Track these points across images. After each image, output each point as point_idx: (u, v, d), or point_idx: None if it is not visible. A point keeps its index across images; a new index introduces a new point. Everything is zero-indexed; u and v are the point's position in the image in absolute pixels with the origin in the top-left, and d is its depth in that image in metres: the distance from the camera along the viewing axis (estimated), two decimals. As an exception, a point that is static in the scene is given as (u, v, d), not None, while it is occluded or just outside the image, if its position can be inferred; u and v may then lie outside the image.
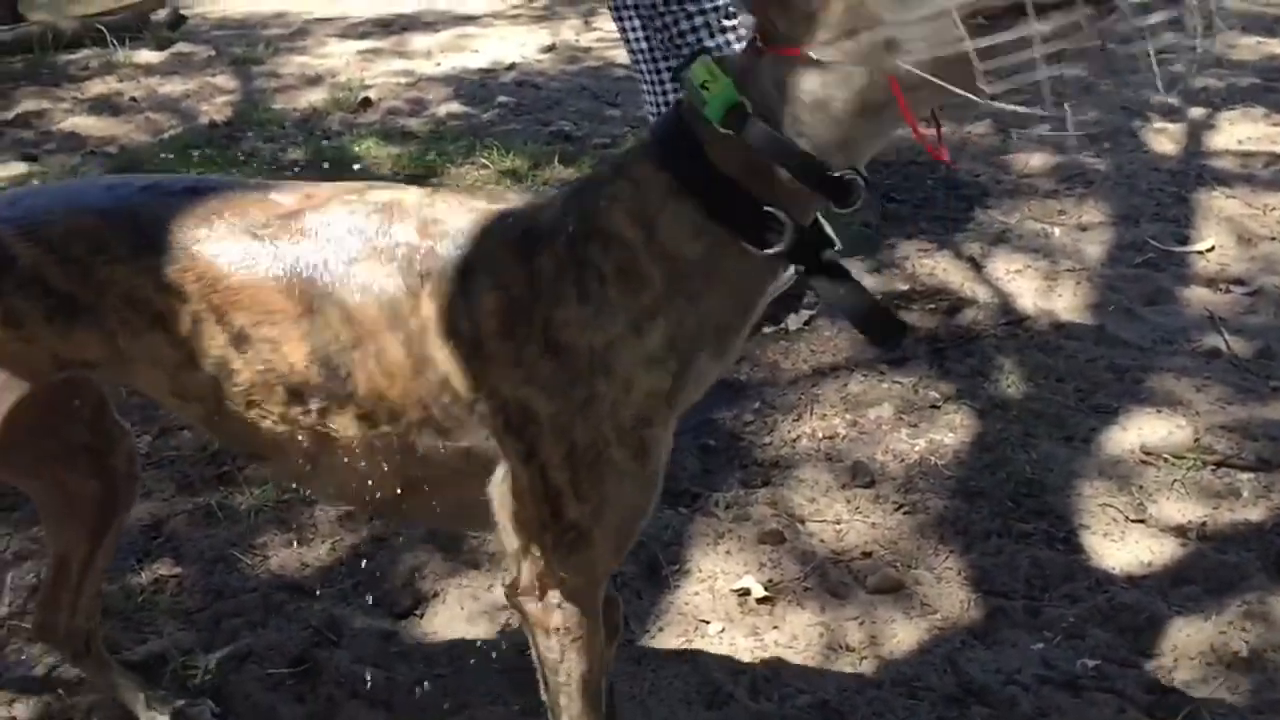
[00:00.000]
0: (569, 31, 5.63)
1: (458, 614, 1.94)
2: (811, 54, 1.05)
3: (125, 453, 1.56)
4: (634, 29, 2.87)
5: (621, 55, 3.01)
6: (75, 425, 1.49)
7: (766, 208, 1.11)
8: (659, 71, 2.87)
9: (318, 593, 1.97)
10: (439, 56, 5.30)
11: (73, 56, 5.17)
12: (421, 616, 1.94)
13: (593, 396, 1.16)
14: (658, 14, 2.71)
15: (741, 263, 1.15)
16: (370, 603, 1.95)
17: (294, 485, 2.12)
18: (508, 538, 1.27)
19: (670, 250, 1.14)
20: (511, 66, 5.10)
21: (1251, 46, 5.01)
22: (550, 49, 5.38)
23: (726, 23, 2.70)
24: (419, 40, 5.57)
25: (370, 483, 1.29)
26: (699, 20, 2.68)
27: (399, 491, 1.30)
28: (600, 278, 1.15)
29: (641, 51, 2.88)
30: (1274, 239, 3.20)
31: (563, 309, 1.16)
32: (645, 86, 2.95)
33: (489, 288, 1.19)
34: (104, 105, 4.54)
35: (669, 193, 1.13)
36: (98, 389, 1.50)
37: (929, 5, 0.99)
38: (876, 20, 1.02)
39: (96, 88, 4.75)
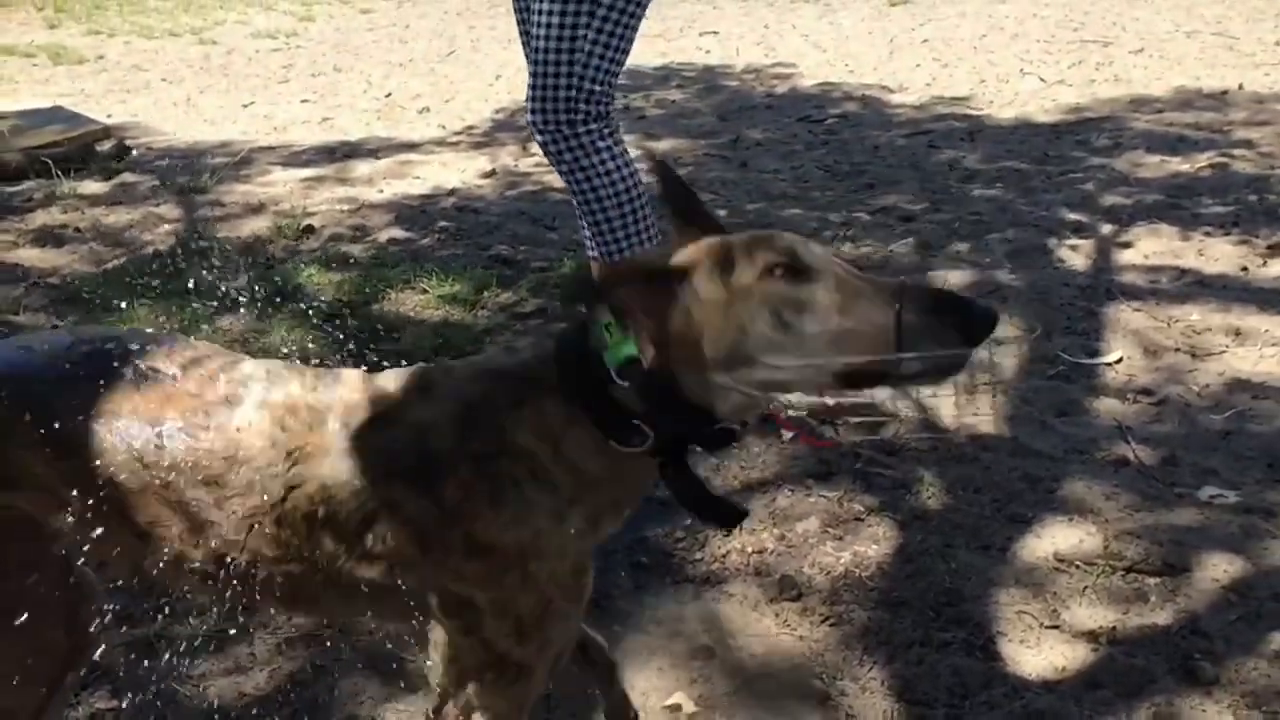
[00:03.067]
0: (508, 157, 5.80)
1: (395, 739, 1.97)
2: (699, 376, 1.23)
3: (94, 608, 1.56)
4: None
5: (559, 180, 3.15)
6: (46, 572, 1.50)
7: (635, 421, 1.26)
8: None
9: (255, 722, 2.00)
10: (381, 183, 5.44)
11: (16, 188, 5.24)
12: (359, 742, 1.97)
13: (527, 575, 1.28)
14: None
15: (635, 463, 1.29)
16: (308, 730, 1.98)
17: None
18: (438, 674, 1.34)
19: (577, 464, 1.29)
20: (452, 192, 5.25)
21: (1156, 165, 5.29)
22: (490, 174, 5.55)
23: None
24: (362, 167, 5.72)
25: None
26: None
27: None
28: (516, 484, 1.27)
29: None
30: (1179, 350, 3.36)
31: (481, 522, 1.27)
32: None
33: (397, 525, 1.29)
34: (47, 236, 4.61)
35: (571, 419, 1.27)
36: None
37: (801, 358, 1.19)
38: (755, 361, 1.20)
39: (40, 219, 4.82)
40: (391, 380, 1.37)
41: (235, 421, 1.31)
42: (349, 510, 1.29)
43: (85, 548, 1.36)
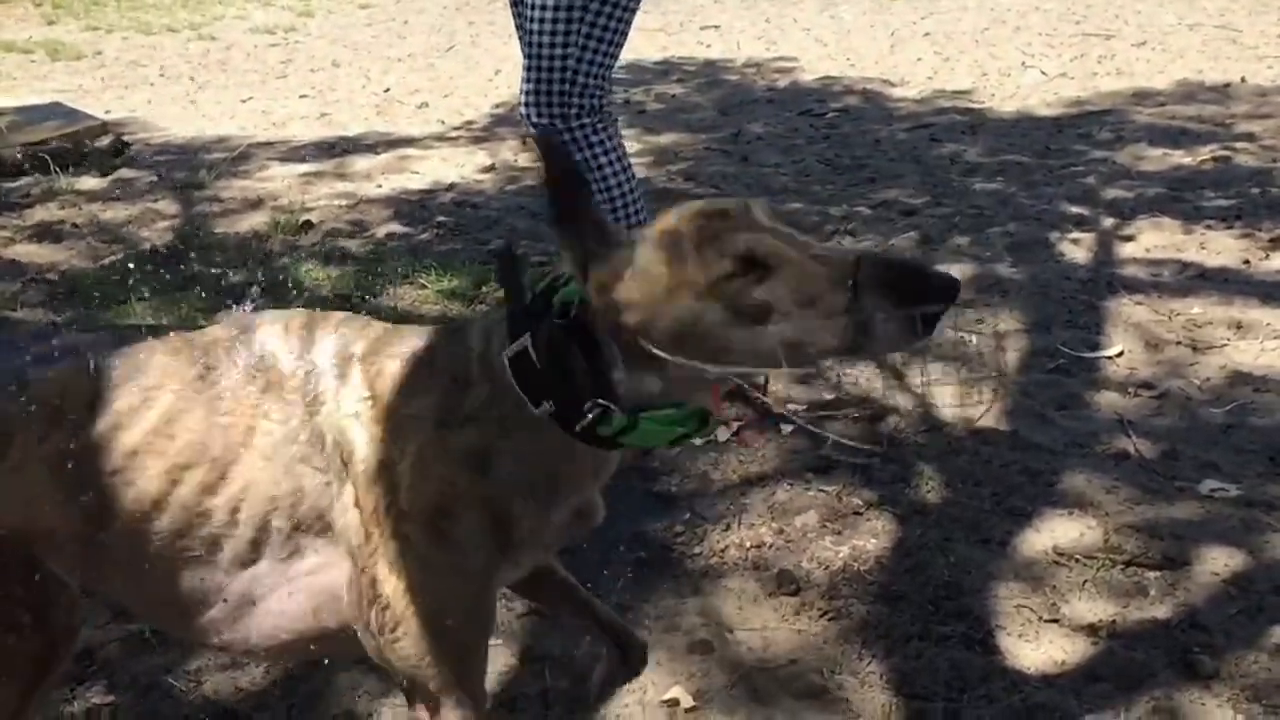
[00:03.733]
0: (507, 152, 5.79)
1: (391, 734, 1.97)
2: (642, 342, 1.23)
3: (66, 607, 1.53)
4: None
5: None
6: (10, 581, 1.48)
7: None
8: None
9: (251, 717, 1.99)
10: (380, 178, 5.43)
11: (14, 184, 5.23)
12: (355, 738, 1.96)
13: (390, 465, 1.30)
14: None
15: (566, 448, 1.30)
16: (303, 726, 1.97)
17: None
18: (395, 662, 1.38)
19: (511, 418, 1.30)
20: (451, 187, 5.24)
21: (1158, 158, 5.27)
22: (489, 169, 5.53)
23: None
24: (360, 162, 5.70)
25: None
26: None
27: None
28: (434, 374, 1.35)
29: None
30: (1180, 344, 3.35)
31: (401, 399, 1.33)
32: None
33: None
34: (45, 232, 4.60)
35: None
36: (25, 545, 1.49)
37: (759, 352, 1.19)
38: (708, 349, 1.21)
39: (38, 215, 4.81)
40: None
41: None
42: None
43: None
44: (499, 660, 2.10)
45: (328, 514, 1.32)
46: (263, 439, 1.32)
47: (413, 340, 1.38)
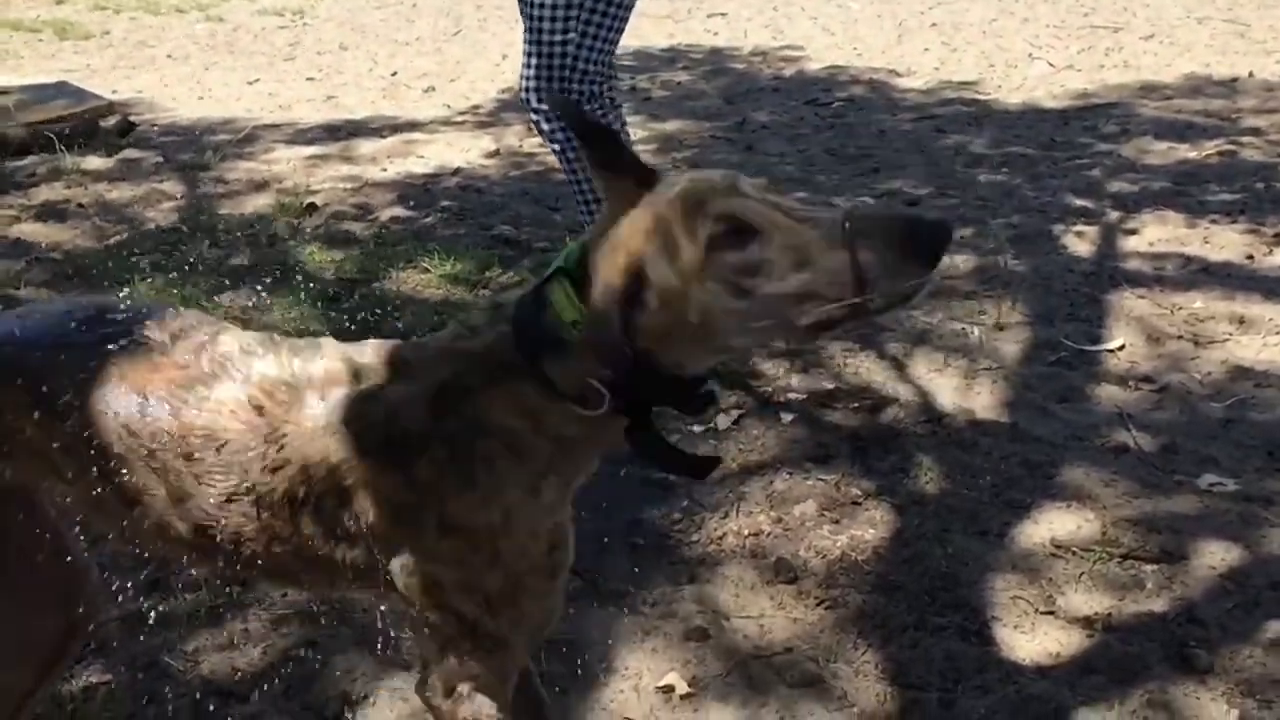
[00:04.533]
0: (512, 137, 5.78)
1: (388, 716, 1.97)
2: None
3: (89, 593, 1.55)
4: None
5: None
6: (40, 550, 1.48)
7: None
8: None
9: (248, 698, 2.00)
10: (385, 162, 5.42)
11: (20, 163, 5.23)
12: (351, 718, 1.97)
13: (497, 553, 1.26)
14: None
15: (613, 425, 1.25)
16: (300, 707, 1.98)
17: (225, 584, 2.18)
18: (422, 644, 1.34)
19: (557, 432, 1.27)
20: (456, 171, 5.23)
21: (1163, 152, 5.26)
22: (495, 154, 5.53)
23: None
24: (366, 146, 5.70)
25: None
26: None
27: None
28: (488, 461, 1.25)
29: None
30: (1181, 338, 3.35)
31: (454, 502, 1.25)
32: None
33: (370, 504, 1.28)
34: (50, 211, 4.60)
35: (549, 397, 1.24)
36: (55, 525, 1.51)
37: (765, 319, 1.18)
38: (720, 334, 1.20)
39: (43, 194, 4.82)
40: (367, 355, 1.35)
41: (217, 398, 1.31)
42: (325, 488, 1.28)
43: (78, 515, 1.36)
44: (496, 644, 2.11)
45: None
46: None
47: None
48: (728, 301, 1.16)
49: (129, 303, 1.42)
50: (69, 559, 1.52)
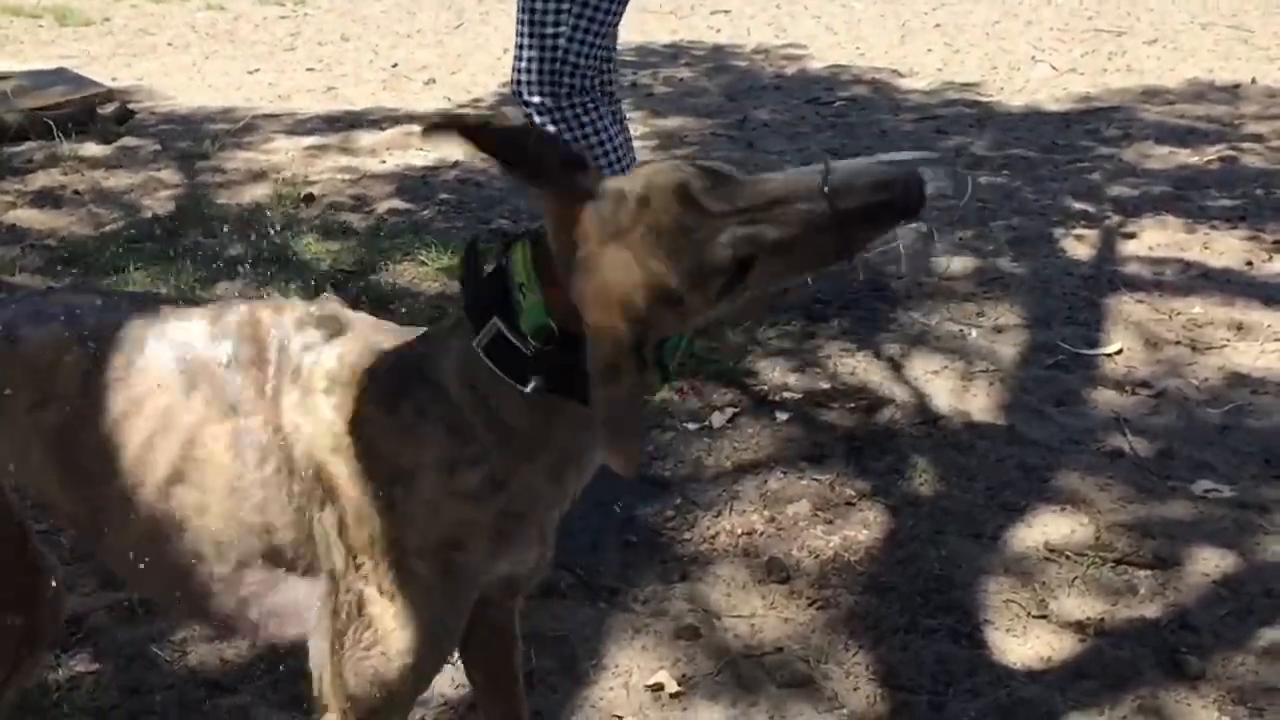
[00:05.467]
0: (513, 131, 5.76)
1: (374, 710, 1.96)
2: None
3: (53, 589, 1.53)
4: None
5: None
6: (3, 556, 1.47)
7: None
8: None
9: (235, 690, 1.99)
10: (384, 154, 5.41)
11: (17, 149, 5.21)
12: (338, 713, 1.96)
13: (391, 500, 1.24)
14: None
15: (571, 420, 1.21)
16: (288, 699, 1.97)
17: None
18: (314, 649, 1.32)
19: (494, 416, 1.23)
20: (455, 164, 5.21)
21: (1164, 156, 5.25)
22: (494, 148, 5.50)
23: None
24: (365, 137, 5.68)
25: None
26: None
27: None
28: (419, 413, 1.25)
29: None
30: (1179, 343, 3.34)
31: (375, 425, 1.26)
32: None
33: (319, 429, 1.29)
34: (46, 198, 4.59)
35: (494, 376, 1.20)
36: (17, 520, 1.49)
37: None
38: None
39: (40, 180, 4.80)
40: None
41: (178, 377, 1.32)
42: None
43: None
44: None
45: (308, 541, 1.31)
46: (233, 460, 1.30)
47: (385, 376, 1.31)
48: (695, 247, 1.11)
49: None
50: (30, 557, 1.50)
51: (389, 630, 1.26)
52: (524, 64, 2.79)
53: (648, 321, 1.10)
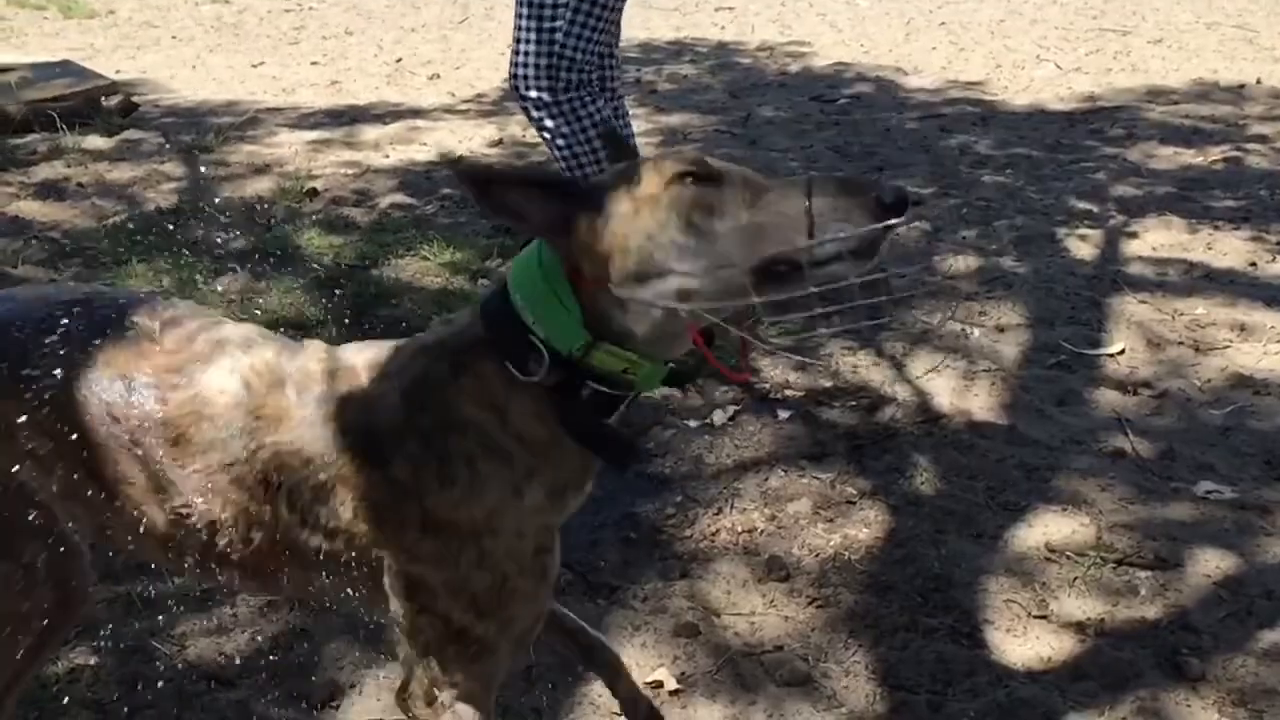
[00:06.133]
0: (516, 126, 5.76)
1: (374, 705, 1.96)
2: (616, 291, 1.19)
3: (81, 569, 1.52)
4: None
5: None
6: (32, 539, 1.46)
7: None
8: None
9: (235, 684, 1.99)
10: (387, 148, 5.40)
11: (21, 141, 5.21)
12: (338, 708, 1.96)
13: (483, 554, 1.25)
14: None
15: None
16: (286, 694, 1.97)
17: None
18: (404, 650, 1.33)
19: (521, 431, 1.26)
20: (459, 159, 5.21)
21: (1168, 156, 5.24)
22: (497, 143, 5.51)
23: None
24: (369, 132, 5.68)
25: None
26: None
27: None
28: (467, 459, 1.24)
29: None
30: (1182, 344, 3.33)
31: (433, 498, 1.24)
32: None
33: (346, 501, 1.27)
34: (50, 190, 4.59)
35: (513, 383, 1.24)
36: (45, 500, 1.48)
37: (713, 260, 1.16)
38: (666, 270, 1.17)
39: (43, 172, 4.80)
40: (350, 354, 1.35)
41: (205, 382, 1.30)
42: (302, 481, 1.27)
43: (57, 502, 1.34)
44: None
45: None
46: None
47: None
48: (677, 234, 1.17)
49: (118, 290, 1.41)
50: (60, 532, 1.50)
51: (499, 649, 1.31)
52: (521, 58, 2.80)
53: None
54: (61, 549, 1.48)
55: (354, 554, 1.28)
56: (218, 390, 1.29)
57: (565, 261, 1.22)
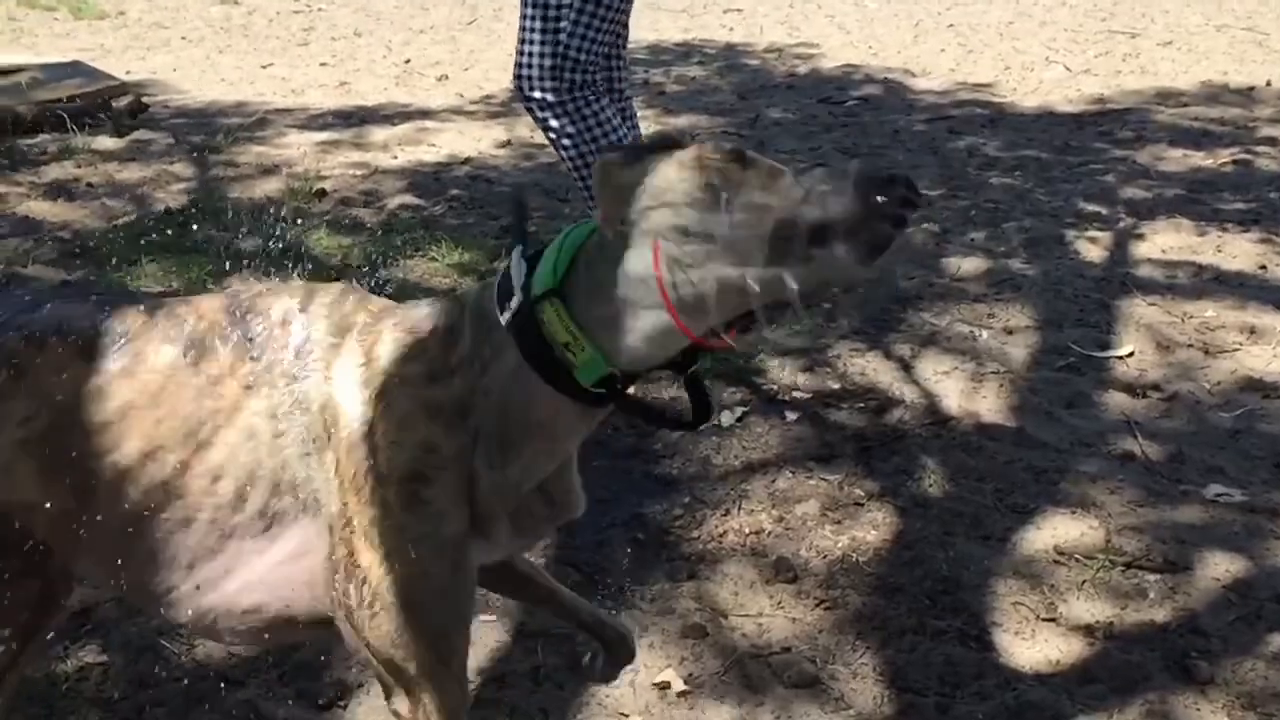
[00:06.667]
0: (524, 128, 5.76)
1: (381, 705, 1.95)
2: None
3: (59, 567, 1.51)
4: None
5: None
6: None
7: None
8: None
9: (243, 683, 1.99)
10: (396, 149, 5.41)
11: (31, 141, 5.23)
12: (345, 708, 1.96)
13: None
14: None
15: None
16: (295, 694, 1.97)
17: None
18: (344, 633, 1.36)
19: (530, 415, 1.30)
20: (466, 161, 5.22)
21: (1178, 159, 5.23)
22: (506, 144, 5.52)
23: None
24: (377, 133, 5.69)
25: None
26: None
27: None
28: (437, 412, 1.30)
29: None
30: (1191, 346, 3.33)
31: (384, 434, 1.29)
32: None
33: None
34: (60, 190, 4.60)
35: (522, 367, 1.28)
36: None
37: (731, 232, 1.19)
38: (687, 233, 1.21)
39: (53, 173, 4.82)
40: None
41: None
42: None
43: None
44: (490, 636, 2.10)
45: (308, 485, 1.31)
46: (247, 413, 1.31)
47: (417, 309, 1.36)
48: (705, 213, 1.19)
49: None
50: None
51: (389, 600, 1.29)
52: (525, 59, 2.81)
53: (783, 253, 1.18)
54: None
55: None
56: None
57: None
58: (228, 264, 3.76)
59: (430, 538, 1.30)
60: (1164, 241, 4.16)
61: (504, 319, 1.26)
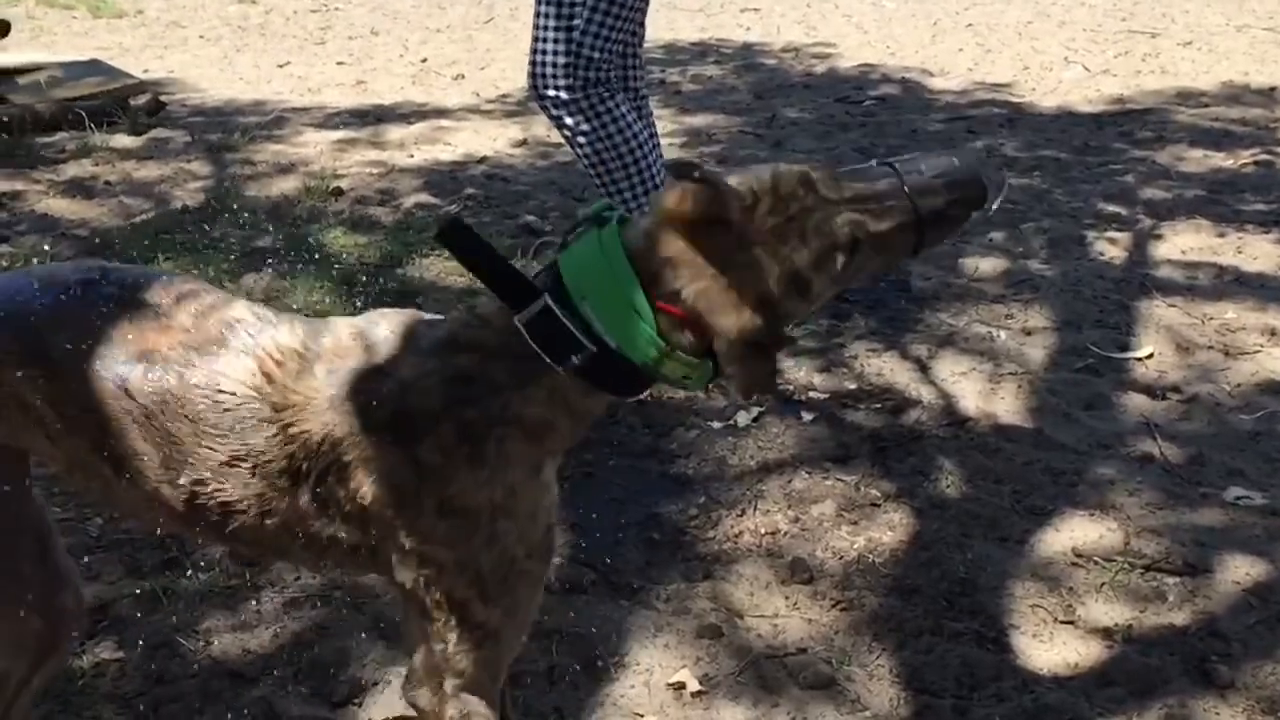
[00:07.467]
0: (540, 127, 5.75)
1: (396, 703, 1.96)
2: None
3: (73, 590, 1.51)
4: None
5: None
6: (21, 560, 1.44)
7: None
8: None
9: (258, 680, 1.99)
10: (412, 148, 5.41)
11: (49, 139, 5.26)
12: (360, 705, 1.96)
13: (495, 534, 1.24)
14: None
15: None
16: (309, 691, 1.97)
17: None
18: (410, 639, 1.33)
19: (586, 409, 1.29)
20: (483, 159, 5.22)
21: (1198, 159, 5.19)
22: (522, 143, 5.51)
23: None
24: (394, 132, 5.69)
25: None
26: None
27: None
28: (500, 442, 1.23)
29: None
30: (1212, 348, 3.30)
31: (456, 483, 1.23)
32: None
33: (370, 479, 1.24)
34: (78, 188, 4.62)
35: (589, 392, 1.27)
36: (39, 520, 1.48)
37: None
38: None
39: (71, 171, 4.84)
40: (380, 328, 1.33)
41: (222, 363, 1.28)
42: (325, 461, 1.26)
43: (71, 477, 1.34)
44: (507, 635, 2.10)
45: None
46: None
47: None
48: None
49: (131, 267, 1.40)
50: (53, 567, 1.48)
51: (503, 636, 1.31)
52: (540, 56, 2.81)
53: (780, 309, 1.22)
54: (51, 574, 1.47)
55: (367, 536, 1.28)
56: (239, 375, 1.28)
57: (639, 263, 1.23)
58: (245, 262, 3.77)
59: (552, 555, 1.37)
60: (1184, 242, 4.13)
61: (572, 364, 1.23)
